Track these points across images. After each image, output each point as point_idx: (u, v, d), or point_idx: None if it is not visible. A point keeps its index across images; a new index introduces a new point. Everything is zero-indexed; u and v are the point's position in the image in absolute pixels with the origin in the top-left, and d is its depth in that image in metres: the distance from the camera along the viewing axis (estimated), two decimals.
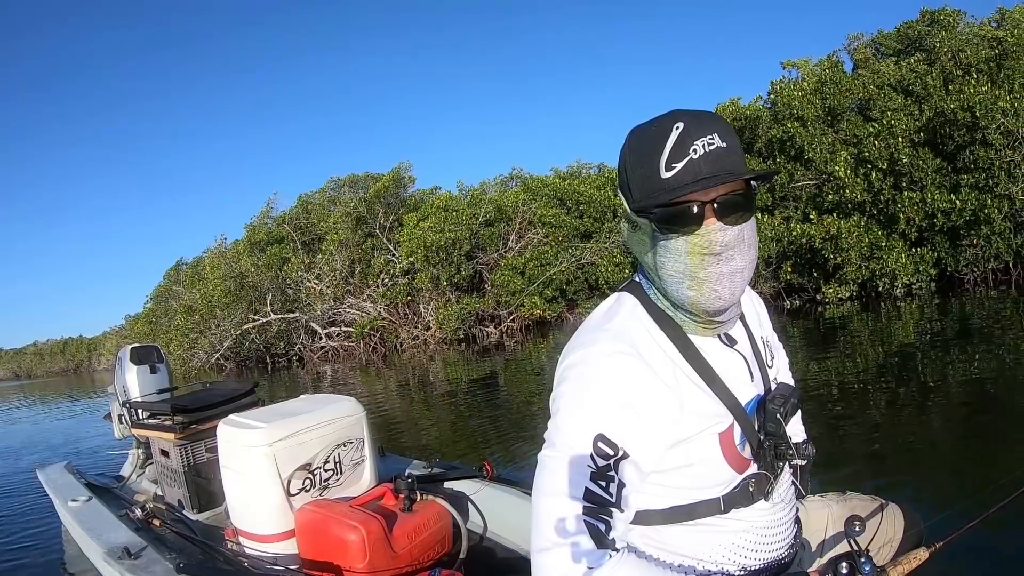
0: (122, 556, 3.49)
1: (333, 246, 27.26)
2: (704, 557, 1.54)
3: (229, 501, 3.71)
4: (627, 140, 1.48)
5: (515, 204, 27.73)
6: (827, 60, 24.88)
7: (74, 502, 4.64)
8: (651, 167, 1.39)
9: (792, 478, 1.74)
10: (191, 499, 4.42)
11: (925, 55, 22.00)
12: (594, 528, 1.31)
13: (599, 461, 1.35)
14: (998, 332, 11.18)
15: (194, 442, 4.47)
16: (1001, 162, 16.52)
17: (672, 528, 1.52)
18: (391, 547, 3.28)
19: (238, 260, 28.15)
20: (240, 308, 26.79)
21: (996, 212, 16.39)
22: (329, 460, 3.72)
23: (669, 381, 1.44)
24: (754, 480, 1.57)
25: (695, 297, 1.43)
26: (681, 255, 1.41)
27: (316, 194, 34.09)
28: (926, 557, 1.59)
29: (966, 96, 17.21)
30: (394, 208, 29.65)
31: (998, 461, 5.04)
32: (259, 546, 3.53)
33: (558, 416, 1.42)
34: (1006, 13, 22.73)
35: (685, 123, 1.37)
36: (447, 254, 25.85)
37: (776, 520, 1.62)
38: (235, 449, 3.55)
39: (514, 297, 25.76)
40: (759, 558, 1.59)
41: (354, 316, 27.24)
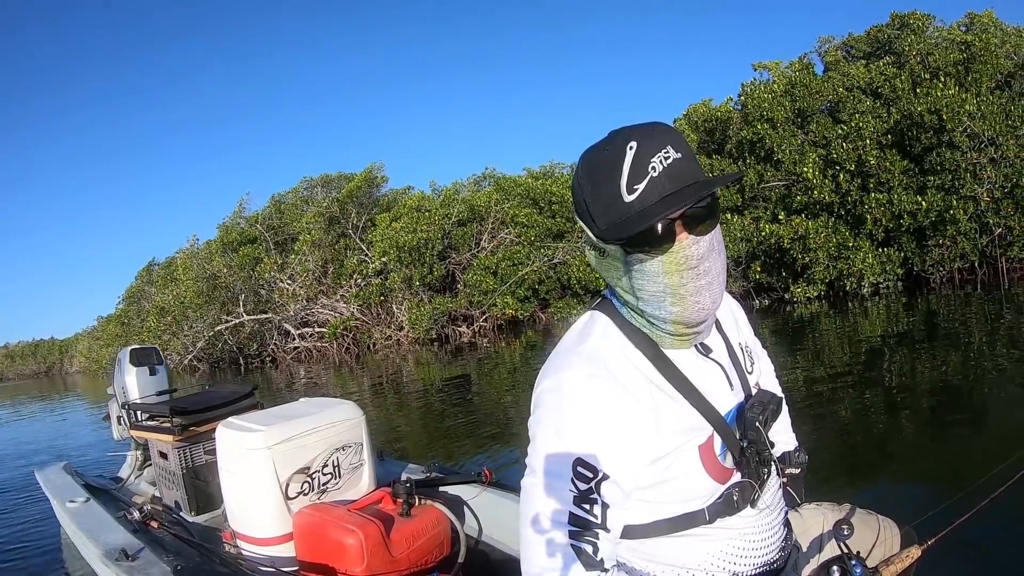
0: (120, 558, 3.49)
1: (306, 246, 27.10)
2: (694, 566, 1.54)
3: (227, 504, 3.71)
4: (580, 167, 1.43)
5: (488, 204, 27.75)
6: (798, 62, 25.17)
7: (72, 503, 4.62)
8: (611, 192, 1.35)
9: (781, 482, 1.74)
10: (189, 501, 4.42)
11: (894, 58, 22.38)
12: (581, 551, 1.32)
13: (580, 485, 1.35)
14: (964, 331, 11.40)
15: (193, 444, 4.47)
16: (967, 164, 16.82)
17: (660, 540, 1.53)
18: (389, 551, 3.29)
19: (210, 260, 27.87)
20: (213, 309, 26.54)
21: (962, 213, 16.66)
22: (328, 464, 3.71)
23: (645, 400, 1.43)
24: (738, 489, 1.55)
25: (679, 312, 1.41)
26: (659, 275, 1.38)
27: (289, 194, 34.04)
28: (918, 555, 1.62)
29: (933, 99, 17.51)
30: (367, 208, 29.61)
31: (971, 456, 5.17)
32: (257, 549, 3.54)
33: (536, 443, 1.42)
34: (975, 18, 23.18)
35: (637, 141, 1.33)
36: (419, 254, 25.80)
37: (765, 525, 1.61)
38: (234, 452, 3.56)
39: (486, 297, 25.78)
40: (750, 563, 1.59)
41: (327, 317, 27.12)
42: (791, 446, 1.97)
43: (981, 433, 5.74)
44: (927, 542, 1.68)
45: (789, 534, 1.75)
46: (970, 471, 4.87)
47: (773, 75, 24.87)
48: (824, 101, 21.82)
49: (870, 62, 23.11)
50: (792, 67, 25.15)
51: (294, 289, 26.83)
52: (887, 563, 1.60)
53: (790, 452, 1.89)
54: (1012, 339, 9.97)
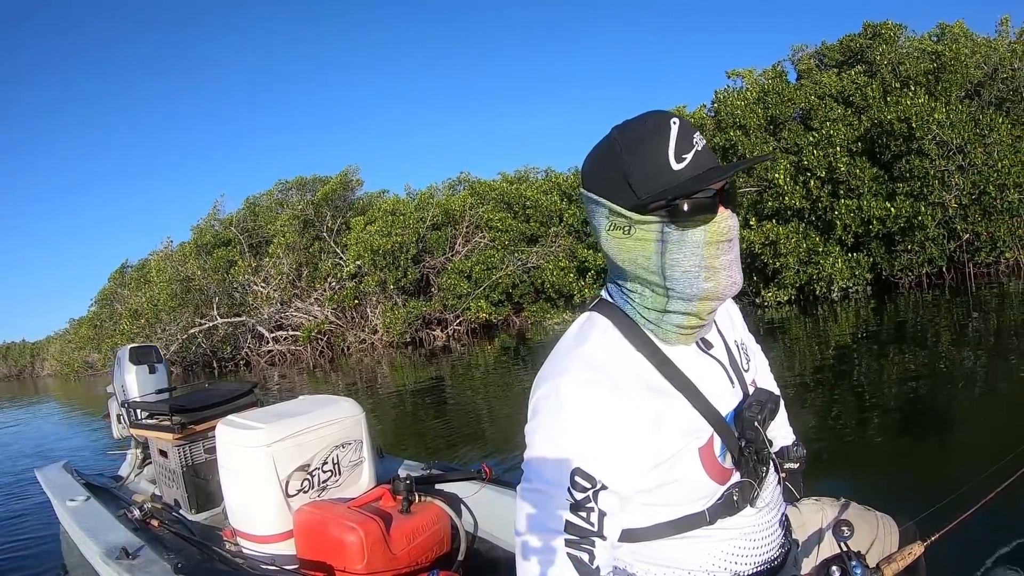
0: (120, 556, 3.50)
1: (280, 249, 26.94)
2: (694, 568, 1.53)
3: (227, 501, 3.71)
4: (616, 138, 1.41)
5: (462, 208, 27.76)
6: (772, 70, 25.35)
7: (72, 502, 4.62)
8: (658, 161, 1.35)
9: (779, 479, 1.72)
10: (189, 499, 4.43)
11: (866, 67, 22.62)
12: (577, 560, 1.31)
13: (577, 495, 1.33)
14: (932, 333, 11.63)
15: (192, 442, 4.48)
16: (935, 171, 17.04)
17: (661, 542, 1.51)
18: (389, 548, 3.29)
19: (184, 263, 27.58)
20: (186, 312, 26.30)
21: (930, 219, 16.90)
22: (328, 461, 3.72)
23: (644, 404, 1.40)
24: (738, 488, 1.54)
25: (712, 288, 1.40)
26: (699, 247, 1.38)
27: (264, 196, 33.71)
28: (920, 552, 1.61)
29: (903, 107, 17.71)
30: (342, 211, 29.52)
31: (947, 457, 5.32)
32: (257, 547, 3.54)
33: (532, 449, 1.40)
34: (946, 28, 23.50)
35: (679, 119, 1.37)
36: (394, 258, 25.78)
37: (764, 523, 1.60)
38: (233, 449, 3.56)
39: (460, 301, 25.80)
40: (750, 562, 1.57)
41: (301, 320, 26.99)
42: (789, 440, 2.01)
43: (947, 433, 5.95)
44: (929, 539, 1.66)
45: (788, 531, 1.74)
46: (943, 469, 5.02)
47: (746, 82, 25.09)
48: (796, 109, 22.02)
49: (842, 71, 23.40)
50: (765, 75, 25.35)
51: (268, 292, 26.68)
52: (888, 560, 1.60)
53: (788, 447, 1.95)
54: (979, 341, 10.24)
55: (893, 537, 1.95)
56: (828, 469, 5.31)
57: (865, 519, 1.97)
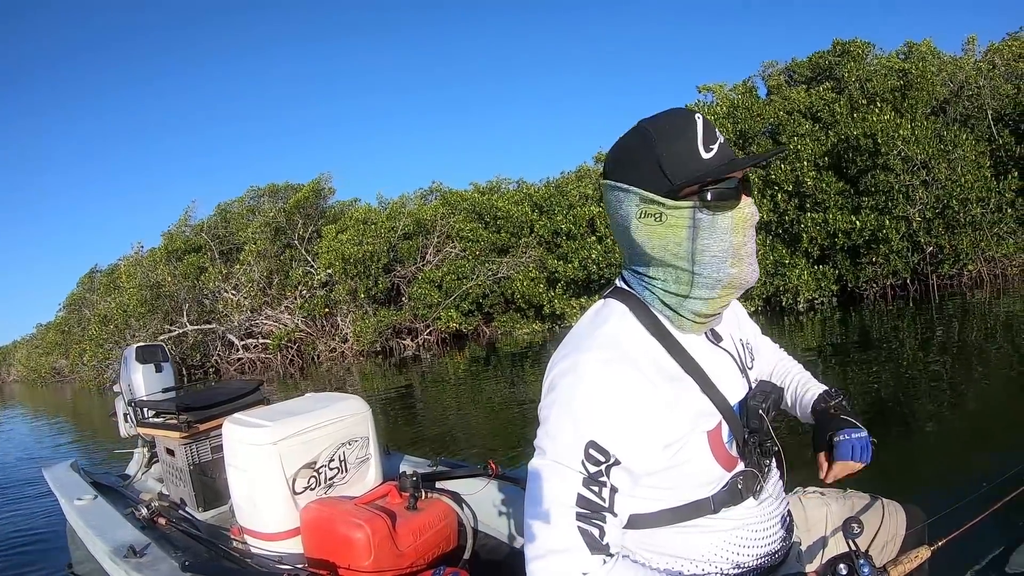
0: (128, 554, 3.49)
1: (251, 256, 26.73)
2: (698, 557, 1.55)
3: (234, 499, 3.73)
4: (646, 129, 1.48)
5: (434, 218, 27.75)
6: (742, 85, 25.70)
7: (80, 501, 4.60)
8: (689, 149, 1.43)
9: (781, 473, 1.75)
10: (196, 497, 4.45)
11: (834, 83, 22.92)
12: (588, 534, 1.32)
13: (591, 467, 1.35)
14: (896, 343, 11.89)
15: (199, 441, 4.50)
16: (900, 186, 17.36)
17: (664, 531, 1.53)
18: (396, 545, 3.31)
19: (154, 269, 27.20)
20: (156, 318, 25.98)
21: (894, 232, 17.20)
22: (334, 458, 3.74)
23: (658, 384, 1.44)
24: (742, 478, 1.57)
25: (736, 273, 1.47)
26: (727, 233, 1.44)
27: (235, 203, 33.41)
28: (928, 555, 1.61)
29: (870, 123, 17.98)
30: (313, 219, 29.39)
31: (908, 462, 5.45)
32: (264, 544, 3.56)
33: (548, 424, 1.41)
34: (913, 46, 23.81)
35: (701, 115, 1.45)
36: (365, 266, 25.71)
37: (766, 515, 1.62)
38: (240, 447, 3.58)
39: (431, 310, 25.77)
40: (752, 554, 1.59)
41: (271, 328, 26.79)
42: (822, 388, 1.99)
43: (911, 443, 6.06)
44: (937, 543, 1.66)
45: (791, 525, 1.76)
46: (912, 474, 5.20)
47: (717, 97, 25.39)
48: (765, 124, 22.26)
49: (811, 87, 23.68)
50: (736, 90, 25.71)
51: (239, 299, 26.47)
52: (895, 563, 1.57)
53: (827, 390, 1.96)
54: (943, 350, 10.53)
55: (901, 526, 2.01)
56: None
57: (870, 509, 2.02)
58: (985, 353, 9.94)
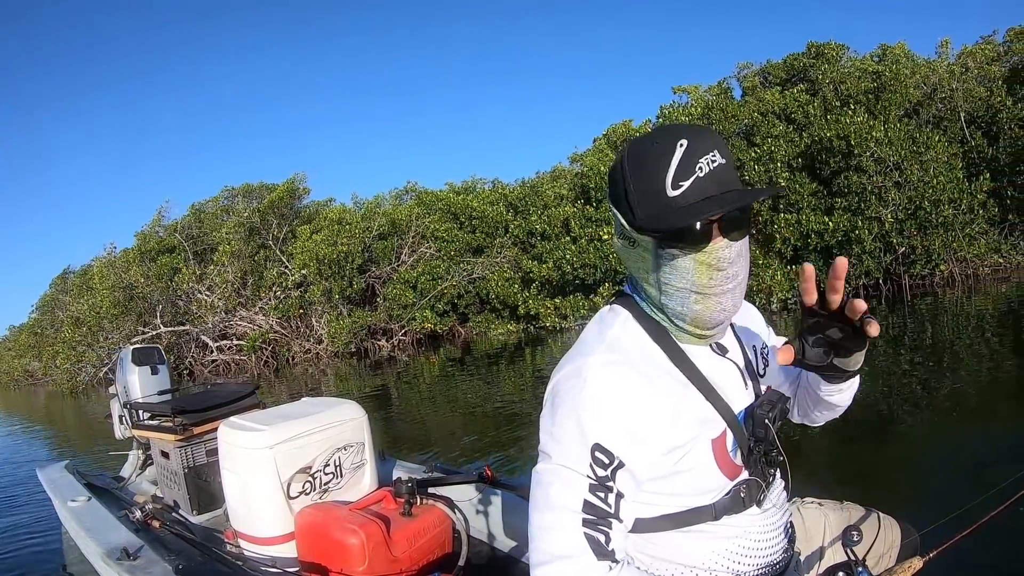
0: (121, 557, 3.49)
1: (225, 257, 26.44)
2: (698, 564, 1.55)
3: (229, 503, 3.69)
4: (626, 154, 1.45)
5: (409, 218, 27.67)
6: (717, 87, 25.85)
7: (74, 502, 4.59)
8: (655, 184, 1.37)
9: (785, 484, 1.75)
10: (191, 500, 4.42)
11: (808, 85, 23.06)
12: (594, 540, 1.31)
13: (597, 471, 1.34)
14: (869, 343, 12.01)
15: (194, 444, 4.47)
16: (873, 187, 17.59)
17: (666, 535, 1.53)
18: (391, 551, 3.29)
19: (127, 270, 26.96)
20: (129, 320, 25.77)
21: (867, 233, 17.45)
22: (329, 463, 3.71)
23: (663, 389, 1.43)
24: (745, 486, 1.56)
25: (701, 311, 1.44)
26: (689, 272, 1.40)
27: (209, 203, 33.09)
28: (920, 566, 1.62)
29: (843, 125, 18.20)
30: (288, 219, 29.21)
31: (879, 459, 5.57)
32: (258, 548, 3.53)
33: (553, 428, 1.40)
34: (887, 49, 24.09)
35: (688, 140, 1.36)
36: (339, 267, 25.60)
37: (769, 525, 1.62)
38: (235, 451, 3.55)
39: (406, 311, 25.72)
40: (753, 563, 1.59)
41: (246, 329, 26.60)
42: None
43: (883, 441, 6.18)
44: (930, 554, 1.67)
45: (793, 536, 1.75)
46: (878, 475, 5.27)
47: (692, 98, 25.50)
48: (740, 125, 22.40)
49: (785, 88, 23.80)
50: (711, 91, 25.88)
51: (212, 300, 26.26)
52: (890, 573, 1.60)
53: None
54: (914, 348, 10.72)
55: (895, 539, 2.00)
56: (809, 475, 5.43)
57: (867, 521, 2.01)
58: (958, 352, 10.08)
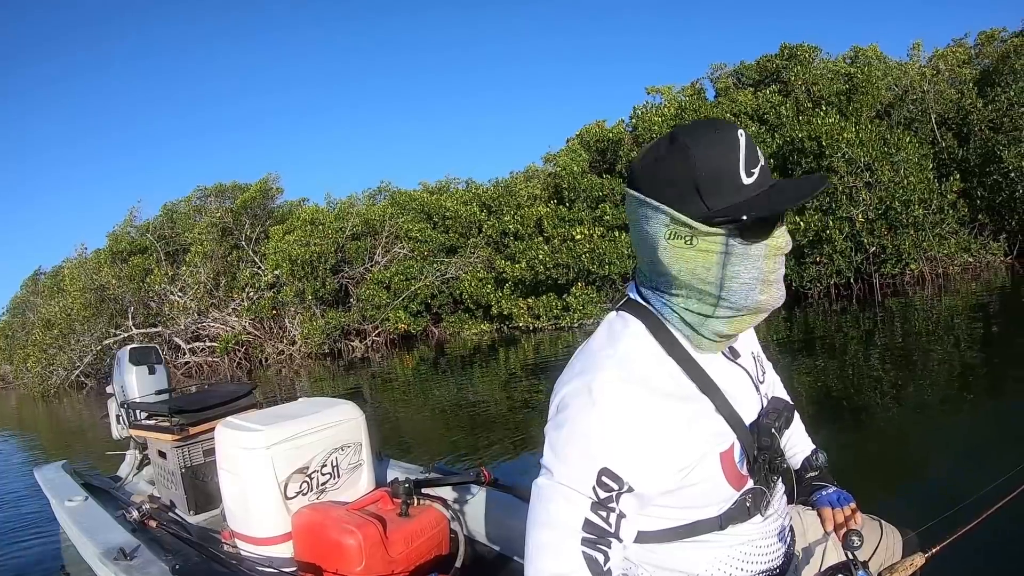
0: (118, 557, 3.48)
1: (198, 258, 26.21)
2: (701, 572, 1.54)
3: (226, 503, 3.71)
4: (684, 143, 1.35)
5: (382, 218, 27.59)
6: (690, 87, 26.02)
7: (71, 502, 4.57)
8: (729, 174, 1.33)
9: (785, 490, 1.74)
10: (188, 500, 4.41)
11: (781, 86, 23.26)
12: (591, 559, 1.29)
13: (601, 494, 1.31)
14: (840, 340, 12.33)
15: (192, 444, 4.46)
16: (844, 187, 17.75)
17: (669, 545, 1.53)
18: (388, 552, 3.29)
19: (99, 271, 26.60)
20: (101, 322, 25.43)
21: (838, 233, 17.62)
22: (327, 463, 3.71)
23: (674, 406, 1.40)
24: (751, 495, 1.55)
25: (765, 300, 1.41)
26: (759, 260, 1.37)
27: (182, 203, 32.75)
28: (922, 563, 1.61)
29: (815, 126, 18.44)
30: (261, 219, 29.00)
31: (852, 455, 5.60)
32: (255, 549, 3.53)
33: (558, 445, 1.35)
34: (860, 51, 24.35)
35: (743, 132, 1.35)
36: (313, 267, 25.46)
37: (771, 531, 1.61)
38: (233, 451, 3.55)
39: (379, 311, 25.63)
40: (755, 569, 1.58)
41: (218, 330, 26.35)
42: (808, 450, 2.02)
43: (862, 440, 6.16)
44: (931, 551, 1.66)
45: (793, 541, 1.75)
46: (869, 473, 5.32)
47: (665, 99, 25.66)
48: None
49: (758, 89, 23.99)
50: (684, 92, 26.06)
51: (185, 302, 26.06)
52: (891, 570, 1.59)
53: (809, 456, 1.95)
54: (885, 347, 10.92)
55: (896, 545, 2.00)
56: None
57: (869, 527, 2.00)
58: (930, 350, 10.25)
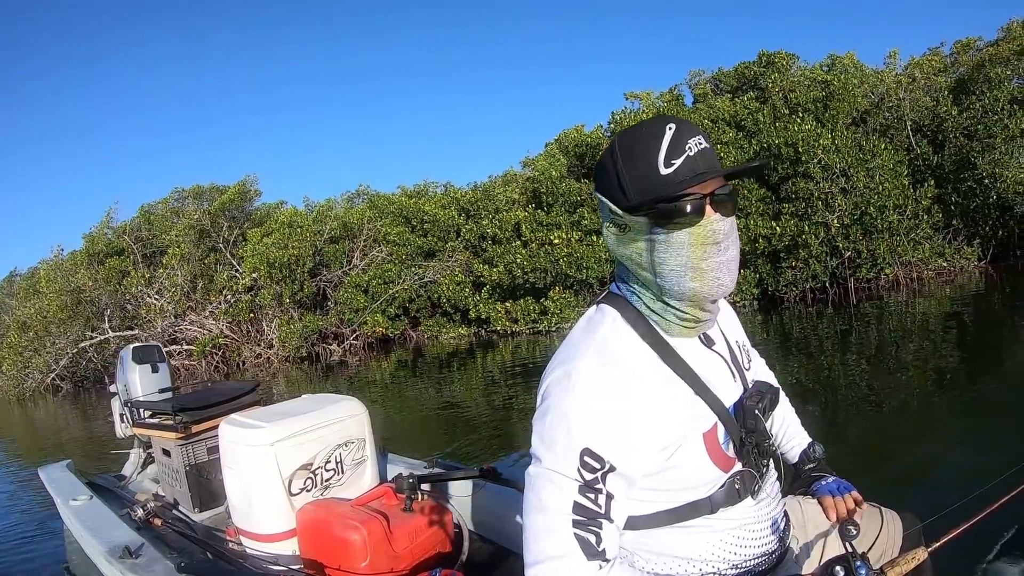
0: (123, 555, 3.50)
1: (175, 260, 25.90)
2: (695, 557, 1.58)
3: (230, 500, 3.74)
4: (616, 143, 1.51)
5: (361, 221, 27.47)
6: (668, 93, 26.09)
7: (75, 501, 4.58)
8: (648, 165, 1.43)
9: (779, 475, 1.79)
10: (192, 498, 4.45)
11: (758, 93, 23.38)
12: (584, 540, 1.36)
13: (586, 475, 1.38)
14: (815, 343, 12.54)
15: (196, 441, 4.50)
16: (820, 193, 17.93)
17: (662, 531, 1.56)
18: (392, 547, 3.34)
19: (75, 273, 26.32)
20: (77, 325, 25.14)
21: (813, 238, 17.76)
22: (330, 460, 3.75)
23: (651, 387, 1.47)
24: (739, 478, 1.59)
25: (698, 288, 1.47)
26: (684, 247, 1.44)
27: (159, 204, 32.32)
28: (924, 557, 1.61)
29: (791, 132, 18.59)
30: (239, 222, 28.81)
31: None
32: (260, 546, 3.57)
33: (543, 432, 1.43)
34: (836, 59, 24.44)
35: (676, 125, 1.45)
36: (290, 271, 25.32)
37: (763, 515, 1.65)
38: (237, 448, 3.59)
39: (357, 315, 25.53)
40: (749, 554, 1.62)
41: (195, 334, 26.14)
42: (805, 442, 2.07)
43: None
44: (933, 545, 1.67)
45: (788, 526, 1.80)
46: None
47: (644, 104, 25.61)
48: None
49: (736, 96, 24.12)
50: (662, 98, 26.12)
51: (162, 304, 25.83)
52: (892, 564, 1.59)
53: (806, 449, 2.02)
54: (860, 350, 11.24)
55: (898, 534, 2.02)
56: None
57: (870, 515, 2.01)
58: (904, 352, 10.50)
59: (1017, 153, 17.37)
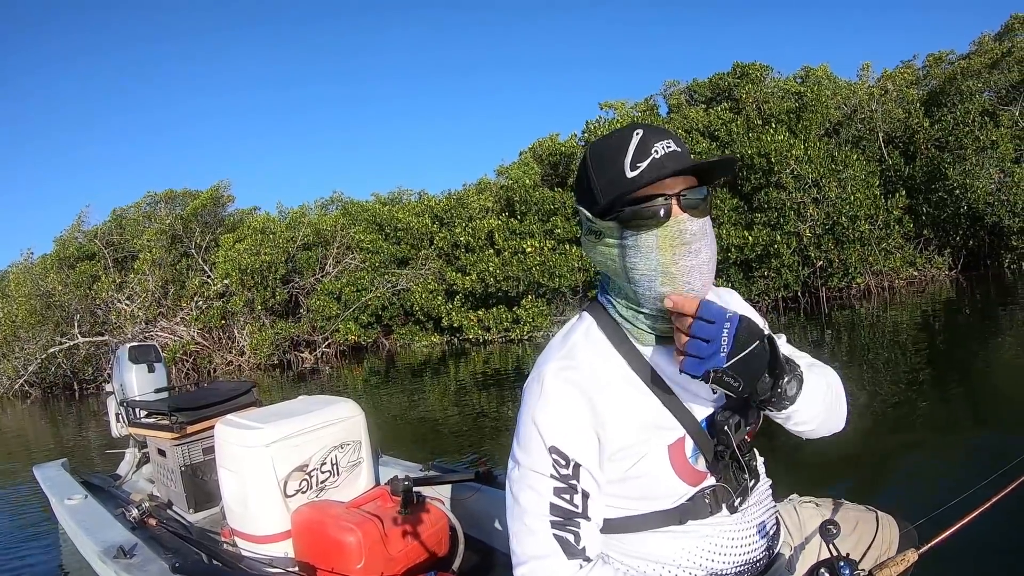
0: (117, 555, 3.50)
1: (146, 265, 25.57)
2: (668, 562, 1.57)
3: (225, 501, 3.75)
4: (588, 153, 1.54)
5: (334, 228, 27.36)
6: (643, 103, 26.25)
7: (70, 501, 4.56)
8: (615, 170, 1.45)
9: (770, 484, 1.76)
10: (188, 499, 4.44)
11: (733, 104, 23.56)
12: (563, 540, 1.42)
13: (560, 471, 1.43)
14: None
15: (191, 442, 4.49)
16: (792, 203, 18.15)
17: (636, 535, 1.57)
18: (387, 549, 3.36)
19: (45, 277, 25.98)
20: (46, 330, 24.81)
21: (785, 247, 17.96)
22: (326, 461, 3.76)
23: (614, 394, 1.50)
24: (711, 492, 1.57)
25: (669, 293, 1.45)
26: (652, 251, 1.43)
27: (131, 208, 31.77)
28: (915, 559, 1.61)
29: (764, 143, 18.76)
30: (211, 227, 28.52)
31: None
32: (255, 547, 3.57)
33: (519, 435, 1.50)
34: (810, 71, 24.81)
35: (644, 130, 1.45)
36: (262, 277, 25.13)
37: (747, 523, 1.63)
38: (232, 449, 3.60)
39: (329, 322, 25.42)
40: (729, 561, 1.60)
41: (166, 340, 25.85)
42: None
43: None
44: (924, 546, 1.67)
45: (776, 534, 1.76)
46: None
47: (618, 114, 25.82)
48: None
49: (710, 106, 24.26)
50: (637, 107, 26.29)
51: (133, 310, 25.55)
52: (881, 567, 1.58)
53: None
54: (832, 358, 11.05)
55: (894, 537, 1.98)
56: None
57: (864, 519, 2.00)
58: (876, 360, 10.69)
59: (987, 164, 17.71)
